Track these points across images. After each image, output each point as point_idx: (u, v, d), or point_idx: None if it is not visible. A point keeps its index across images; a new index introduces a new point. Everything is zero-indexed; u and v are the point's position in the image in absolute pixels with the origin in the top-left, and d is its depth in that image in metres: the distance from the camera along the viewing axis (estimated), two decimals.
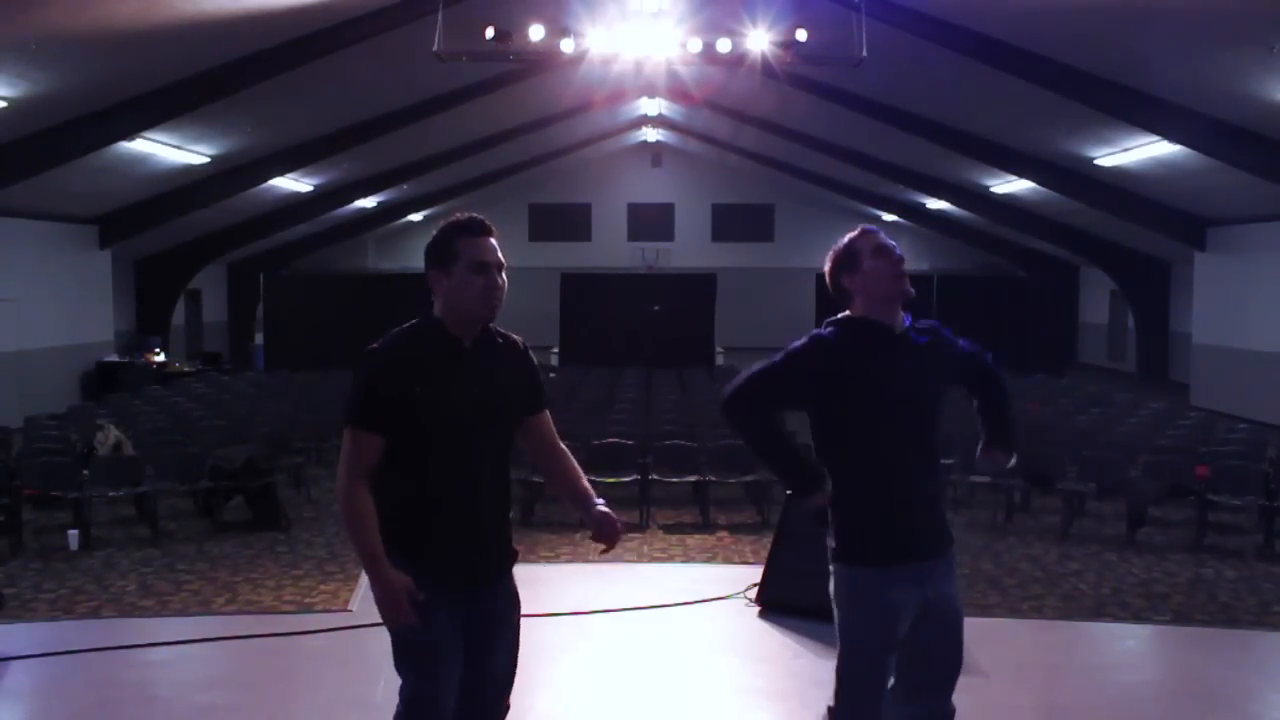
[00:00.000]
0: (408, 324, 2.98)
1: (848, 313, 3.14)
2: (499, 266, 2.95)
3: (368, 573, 2.84)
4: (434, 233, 3.02)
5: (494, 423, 2.98)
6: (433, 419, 2.85)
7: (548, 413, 3.20)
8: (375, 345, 2.93)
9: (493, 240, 2.96)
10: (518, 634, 3.10)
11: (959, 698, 3.21)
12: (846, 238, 3.18)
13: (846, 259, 3.14)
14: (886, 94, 15.67)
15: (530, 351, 3.15)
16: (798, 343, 3.10)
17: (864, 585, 3.05)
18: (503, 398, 3.01)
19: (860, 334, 3.06)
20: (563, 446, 3.24)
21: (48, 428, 10.83)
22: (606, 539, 3.11)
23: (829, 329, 3.11)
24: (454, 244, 2.92)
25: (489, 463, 2.99)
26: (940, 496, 3.17)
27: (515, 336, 3.13)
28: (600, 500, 3.14)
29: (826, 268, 3.21)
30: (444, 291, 2.93)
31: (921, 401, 3.05)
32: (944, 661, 3.14)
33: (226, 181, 16.53)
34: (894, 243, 3.14)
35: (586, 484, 3.21)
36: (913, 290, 3.09)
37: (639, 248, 28.87)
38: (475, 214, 3.02)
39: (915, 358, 3.06)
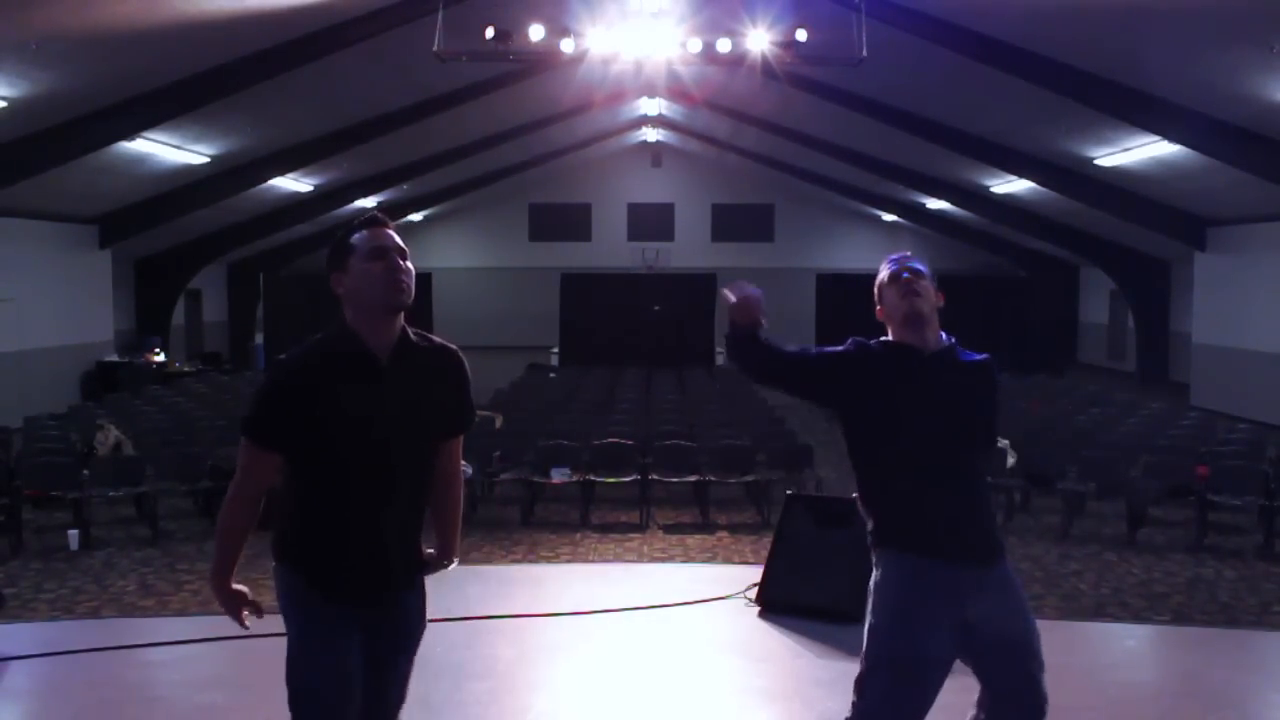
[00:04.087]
0: (320, 335, 2.75)
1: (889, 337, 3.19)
2: (400, 252, 2.73)
3: (211, 583, 2.85)
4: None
5: (408, 446, 2.76)
6: (339, 441, 2.66)
7: (461, 436, 2.98)
8: (283, 356, 2.72)
9: (389, 230, 2.76)
10: (413, 657, 2.92)
11: (958, 697, 3.20)
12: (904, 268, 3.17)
13: (877, 293, 3.18)
14: (886, 94, 15.67)
15: (465, 364, 2.88)
16: (864, 341, 3.16)
17: (900, 574, 2.96)
18: (420, 420, 2.76)
19: (891, 355, 3.09)
20: (459, 472, 3.02)
21: (48, 428, 10.82)
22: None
23: (872, 340, 3.16)
24: (347, 240, 2.75)
25: (401, 484, 2.76)
26: (981, 511, 3.07)
27: (450, 346, 2.87)
28: (454, 562, 3.03)
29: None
30: (348, 294, 2.72)
31: (955, 424, 2.99)
32: (1019, 697, 2.98)
33: (226, 181, 16.53)
34: (915, 266, 3.12)
35: (454, 534, 3.04)
36: (924, 308, 3.06)
37: (639, 248, 28.85)
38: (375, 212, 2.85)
39: (951, 377, 3.04)
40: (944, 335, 3.13)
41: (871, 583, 3.05)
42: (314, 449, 2.67)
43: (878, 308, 3.18)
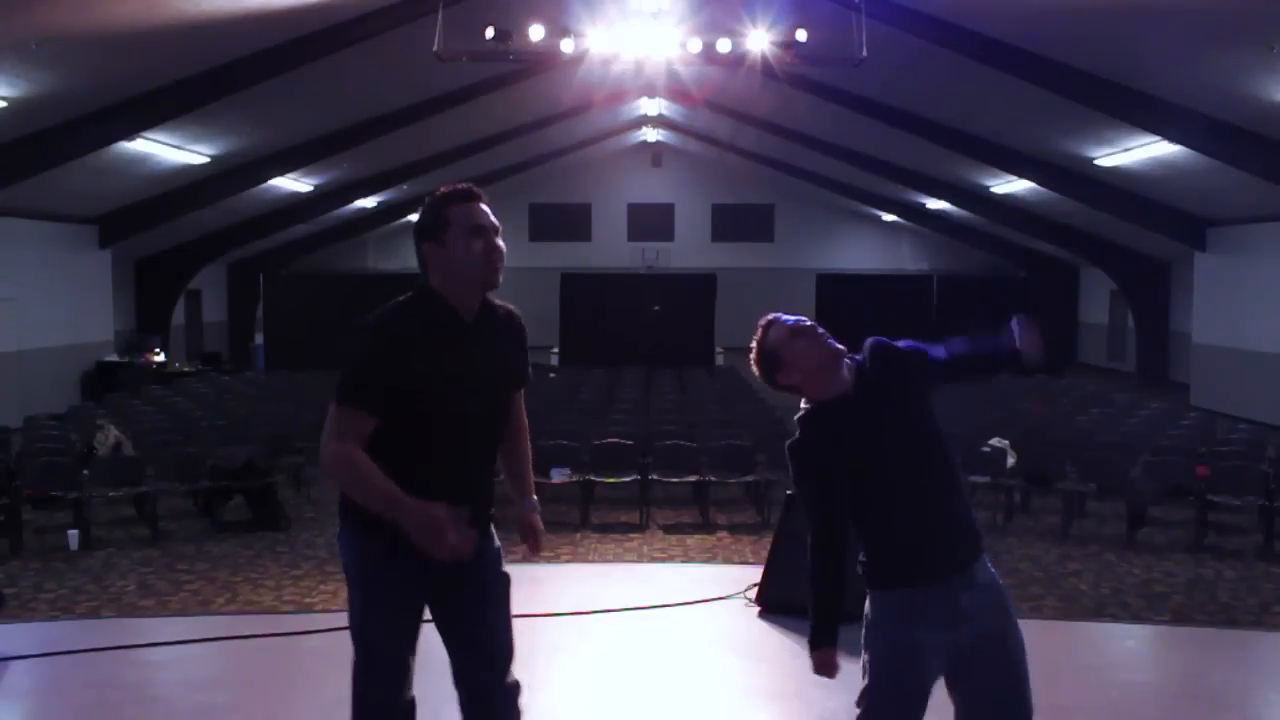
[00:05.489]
0: (404, 297, 2.84)
1: (805, 404, 3.04)
2: (495, 230, 2.84)
3: (394, 515, 2.61)
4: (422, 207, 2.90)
5: (492, 400, 2.94)
6: (432, 398, 2.75)
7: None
8: (371, 320, 2.77)
9: (484, 205, 2.85)
10: (508, 600, 3.02)
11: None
12: (755, 342, 3.02)
13: (770, 361, 2.99)
14: (886, 94, 15.67)
15: (524, 326, 3.07)
16: (794, 440, 3.00)
17: (888, 610, 2.96)
18: (503, 375, 2.96)
19: (828, 420, 2.97)
20: (525, 423, 3.23)
21: (48, 428, 10.83)
22: (529, 544, 3.19)
23: (802, 428, 3.01)
24: (445, 212, 2.81)
25: (483, 438, 2.94)
26: (961, 505, 3.05)
27: (513, 308, 3.04)
28: (533, 499, 3.20)
29: (758, 372, 3.06)
30: (440, 263, 2.81)
31: (912, 436, 2.96)
32: (1008, 709, 2.98)
33: (226, 181, 16.54)
34: (802, 320, 2.99)
35: (530, 474, 3.24)
36: (841, 348, 2.96)
37: (639, 248, 28.87)
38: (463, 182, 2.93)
39: (881, 405, 2.95)
40: (847, 362, 2.98)
41: (865, 625, 3.01)
42: (403, 407, 2.74)
43: (781, 374, 2.96)
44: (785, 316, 3.02)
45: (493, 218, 2.86)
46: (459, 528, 2.59)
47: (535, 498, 3.25)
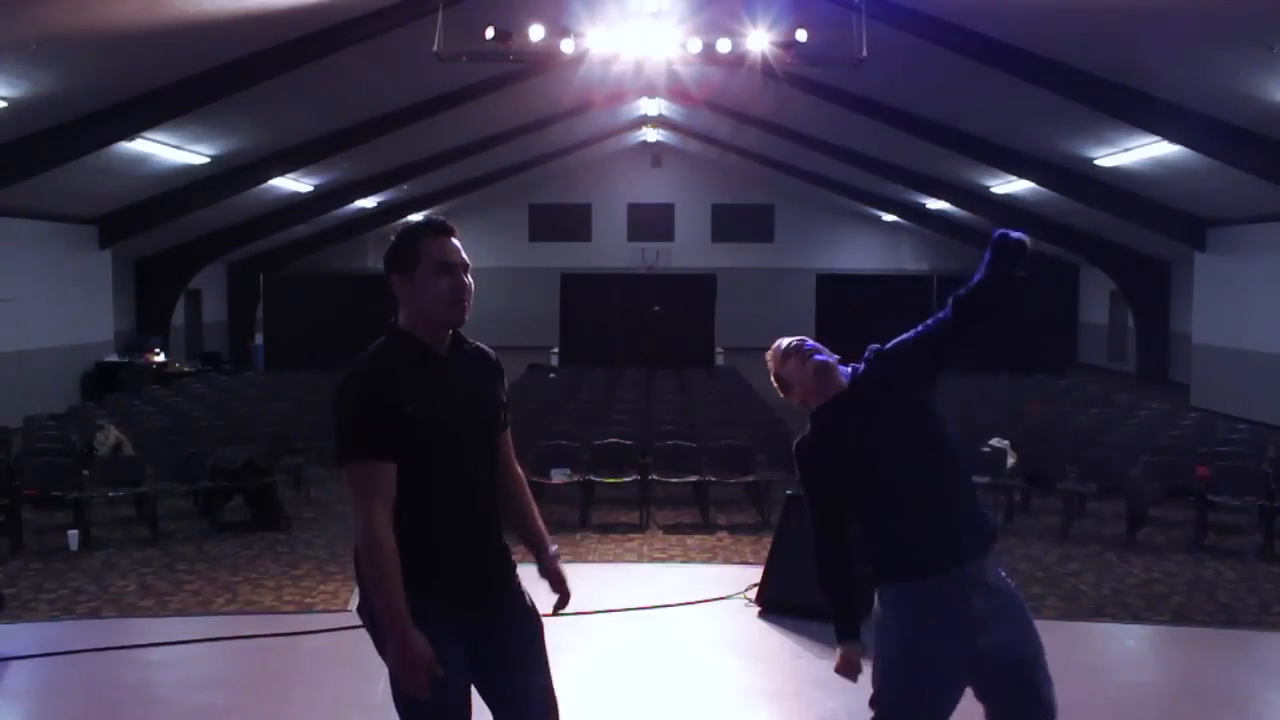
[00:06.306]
0: (375, 344, 2.80)
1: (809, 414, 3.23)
2: (464, 267, 2.79)
3: (391, 630, 2.61)
4: (392, 237, 2.86)
5: (484, 433, 2.87)
6: (428, 434, 2.70)
7: (509, 431, 3.05)
8: (350, 373, 2.74)
9: (455, 241, 2.80)
10: (544, 647, 2.95)
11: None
12: (771, 372, 3.29)
13: (782, 385, 3.25)
14: (886, 94, 15.67)
15: (501, 363, 3.01)
16: (798, 439, 3.20)
17: (895, 610, 2.99)
18: (488, 407, 2.89)
19: (826, 419, 3.14)
20: (519, 470, 3.10)
21: (48, 428, 10.82)
22: (558, 598, 2.99)
23: (804, 434, 3.21)
24: (416, 245, 2.76)
25: (485, 475, 2.86)
26: (963, 500, 3.07)
27: (485, 347, 2.97)
28: (554, 547, 3.03)
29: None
30: (408, 297, 2.77)
31: (905, 427, 3.05)
32: (1025, 713, 3.02)
33: (226, 181, 16.54)
34: (793, 341, 3.22)
35: (540, 523, 3.06)
36: (827, 359, 3.14)
37: (639, 248, 28.87)
38: (435, 215, 2.89)
39: (872, 401, 3.09)
40: (844, 370, 3.18)
41: (874, 620, 3.06)
42: (407, 446, 2.69)
43: (786, 394, 3.23)
44: (782, 341, 3.26)
45: (463, 254, 2.81)
46: (427, 673, 2.59)
47: (555, 547, 3.06)
